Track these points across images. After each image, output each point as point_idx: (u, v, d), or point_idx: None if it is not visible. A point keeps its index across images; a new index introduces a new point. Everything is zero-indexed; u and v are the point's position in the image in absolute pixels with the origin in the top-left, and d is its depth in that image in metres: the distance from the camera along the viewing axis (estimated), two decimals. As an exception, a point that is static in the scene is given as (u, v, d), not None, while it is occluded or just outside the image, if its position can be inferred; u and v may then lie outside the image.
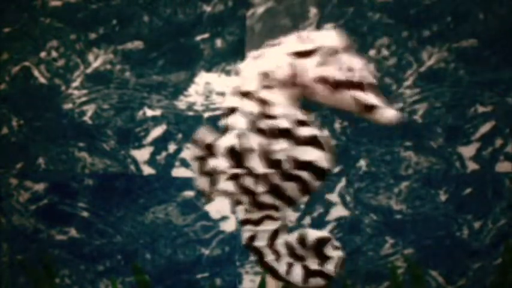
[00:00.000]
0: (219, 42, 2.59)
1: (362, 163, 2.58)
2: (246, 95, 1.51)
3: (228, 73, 2.59)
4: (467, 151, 2.59)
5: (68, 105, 2.62)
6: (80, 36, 2.62)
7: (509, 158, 2.59)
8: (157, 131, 2.61)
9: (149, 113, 2.61)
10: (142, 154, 2.61)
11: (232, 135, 1.51)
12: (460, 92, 2.58)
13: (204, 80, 2.60)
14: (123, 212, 2.63)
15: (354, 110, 1.49)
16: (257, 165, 1.50)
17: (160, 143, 2.61)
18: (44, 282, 2.28)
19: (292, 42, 1.51)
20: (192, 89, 2.61)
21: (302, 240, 1.55)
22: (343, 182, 2.58)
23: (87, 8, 2.61)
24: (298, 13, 2.56)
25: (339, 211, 2.60)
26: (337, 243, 1.57)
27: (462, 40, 2.57)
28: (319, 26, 2.54)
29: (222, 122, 1.53)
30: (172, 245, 2.62)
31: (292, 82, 1.49)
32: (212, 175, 1.53)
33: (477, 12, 2.56)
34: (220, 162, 1.52)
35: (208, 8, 2.59)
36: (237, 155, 1.51)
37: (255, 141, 1.50)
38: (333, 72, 1.47)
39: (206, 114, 2.60)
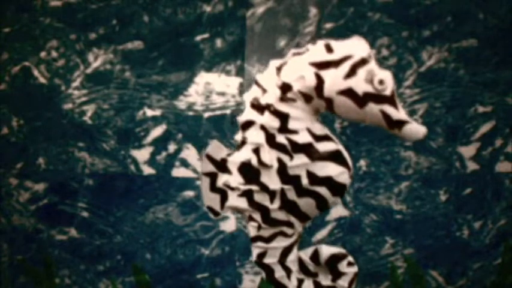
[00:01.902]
0: (219, 42, 2.59)
1: (362, 163, 2.58)
2: (264, 108, 1.42)
3: (228, 73, 2.59)
4: (467, 151, 2.59)
5: (68, 105, 2.62)
6: (80, 36, 2.62)
7: (509, 158, 2.59)
8: (157, 131, 2.62)
9: (149, 113, 2.61)
10: (142, 154, 2.61)
11: (248, 150, 1.44)
12: (460, 92, 2.58)
13: (204, 80, 2.60)
14: (123, 212, 2.63)
15: (381, 125, 1.41)
16: (273, 181, 1.43)
17: (160, 143, 2.61)
18: (44, 282, 2.28)
19: (318, 51, 1.41)
20: (192, 89, 2.61)
21: (315, 257, 1.50)
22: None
23: (87, 8, 2.61)
24: (298, 13, 2.56)
25: (339, 211, 2.60)
26: (351, 259, 1.51)
27: (462, 40, 2.58)
28: (319, 26, 2.54)
29: (237, 136, 1.46)
30: (172, 245, 2.62)
31: (315, 94, 1.40)
32: (223, 191, 1.46)
33: (477, 12, 2.57)
34: (233, 178, 1.45)
35: (208, 8, 2.59)
36: (251, 170, 1.44)
37: (272, 156, 1.42)
38: (362, 84, 1.38)
39: (206, 114, 2.60)
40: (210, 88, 2.60)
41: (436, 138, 2.59)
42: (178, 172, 2.61)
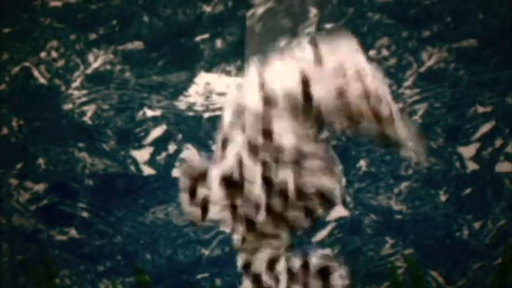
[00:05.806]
0: (219, 43, 2.59)
1: (362, 163, 2.58)
2: (247, 121, 1.35)
3: (228, 73, 2.59)
4: (467, 151, 2.59)
5: (68, 106, 2.62)
6: (80, 36, 2.62)
7: (509, 158, 2.59)
8: (157, 131, 2.62)
9: (149, 113, 2.61)
10: (142, 154, 2.62)
11: (230, 163, 1.37)
12: (460, 92, 2.58)
13: (204, 80, 2.60)
14: (123, 212, 2.63)
15: (378, 142, 1.37)
16: (257, 195, 1.36)
17: (160, 143, 2.61)
18: (44, 282, 2.29)
19: (306, 59, 1.33)
20: (192, 89, 2.61)
21: (305, 266, 1.43)
22: (343, 182, 2.58)
23: (87, 8, 2.61)
24: (298, 13, 2.56)
25: (339, 211, 2.60)
26: (342, 272, 1.44)
27: (462, 40, 2.58)
28: (319, 26, 2.54)
29: (218, 148, 1.39)
30: (172, 245, 2.62)
31: (304, 108, 1.34)
32: (204, 205, 1.41)
33: (477, 12, 2.57)
34: (213, 193, 1.39)
35: (208, 8, 2.59)
36: (233, 184, 1.37)
37: (256, 170, 1.36)
38: (357, 98, 1.32)
39: (206, 115, 2.60)
40: (210, 88, 2.60)
41: (436, 138, 2.59)
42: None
